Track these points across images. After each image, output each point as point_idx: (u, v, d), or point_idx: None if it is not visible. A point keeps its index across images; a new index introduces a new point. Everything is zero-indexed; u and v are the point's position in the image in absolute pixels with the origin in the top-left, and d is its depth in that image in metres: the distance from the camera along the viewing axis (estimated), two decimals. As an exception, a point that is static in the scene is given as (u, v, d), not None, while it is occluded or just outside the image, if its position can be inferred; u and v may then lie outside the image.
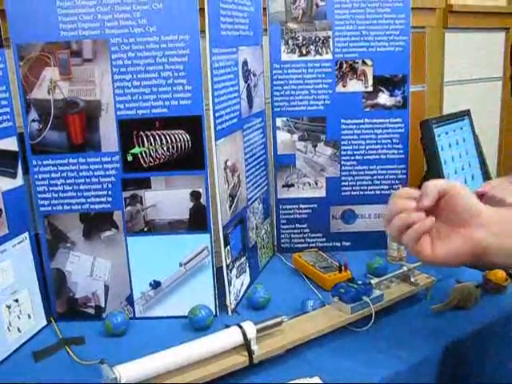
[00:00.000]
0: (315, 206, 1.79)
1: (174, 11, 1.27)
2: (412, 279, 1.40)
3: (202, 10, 1.27)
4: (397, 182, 1.77)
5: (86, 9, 1.26)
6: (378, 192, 1.78)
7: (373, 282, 1.33)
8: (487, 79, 2.72)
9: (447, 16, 2.40)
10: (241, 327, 1.13)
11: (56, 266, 1.38)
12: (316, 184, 1.78)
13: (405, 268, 1.41)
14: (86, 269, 1.38)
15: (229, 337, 1.12)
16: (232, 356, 1.11)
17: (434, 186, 0.89)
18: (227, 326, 1.16)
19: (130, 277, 1.39)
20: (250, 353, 1.11)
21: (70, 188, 1.34)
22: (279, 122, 1.74)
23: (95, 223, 1.36)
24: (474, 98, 2.58)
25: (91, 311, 1.41)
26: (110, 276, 1.39)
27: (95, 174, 1.33)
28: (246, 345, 1.11)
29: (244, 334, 1.12)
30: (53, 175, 1.33)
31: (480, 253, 0.79)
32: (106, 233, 1.37)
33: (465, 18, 2.48)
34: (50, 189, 1.34)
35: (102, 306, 1.40)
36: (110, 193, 1.35)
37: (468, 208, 0.81)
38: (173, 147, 1.32)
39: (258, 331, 1.14)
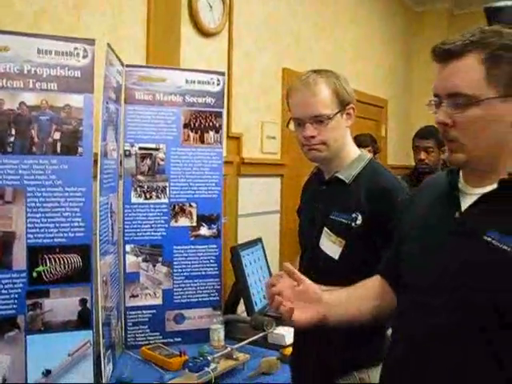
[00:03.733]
0: (154, 311, 2.34)
1: (75, 170, 1.83)
2: (234, 356, 2.03)
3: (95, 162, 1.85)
4: (214, 291, 2.42)
5: (9, 165, 1.75)
6: (201, 299, 2.40)
7: (209, 358, 1.93)
8: (269, 212, 3.57)
9: (240, 166, 3.23)
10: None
11: (-41, 364, 1.72)
12: (155, 294, 2.35)
13: (229, 348, 2.03)
14: (-12, 364, 1.75)
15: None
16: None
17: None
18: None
19: (26, 367, 1.78)
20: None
21: (-17, 298, 1.74)
22: (128, 247, 2.31)
23: (0, 325, 1.76)
24: (261, 227, 3.38)
25: (-12, 400, 1.75)
26: (8, 368, 1.77)
27: (5, 286, 1.76)
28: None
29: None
30: (-32, 289, 1.73)
31: (322, 318, 1.37)
32: (9, 333, 1.77)
33: (253, 167, 3.32)
34: (-35, 299, 1.72)
35: (-1, 394, 1.76)
36: (16, 301, 1.77)
37: (315, 294, 1.35)
38: (68, 266, 1.83)
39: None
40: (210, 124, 2.42)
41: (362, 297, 1.41)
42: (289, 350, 2.17)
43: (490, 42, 1.08)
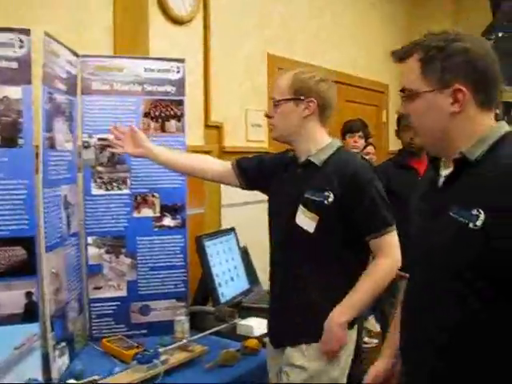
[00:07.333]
0: (119, 303, 2.33)
1: (16, 163, 1.81)
2: (189, 348, 2.00)
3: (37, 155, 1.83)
4: (180, 281, 2.39)
5: None
6: (166, 290, 2.38)
7: (160, 350, 1.90)
8: (258, 202, 3.50)
9: (222, 155, 3.17)
10: (69, 384, 1.62)
11: None
12: (119, 286, 2.33)
13: (184, 340, 2.01)
14: None
15: (58, 390, 1.60)
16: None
17: None
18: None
19: (-28, 362, 1.78)
20: (75, 400, 1.60)
21: None
22: (90, 239, 2.29)
23: None
24: (249, 216, 3.30)
25: None
26: (-45, 363, 1.77)
27: None
28: (72, 395, 1.60)
29: (70, 388, 1.61)
30: None
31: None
32: (-48, 328, 1.77)
33: (236, 156, 3.26)
34: None
35: None
36: (-41, 296, 1.77)
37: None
38: (12, 259, 1.81)
39: (82, 387, 1.64)
40: (171, 113, 2.38)
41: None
42: (251, 342, 2.14)
43: (425, 44, 1.22)
